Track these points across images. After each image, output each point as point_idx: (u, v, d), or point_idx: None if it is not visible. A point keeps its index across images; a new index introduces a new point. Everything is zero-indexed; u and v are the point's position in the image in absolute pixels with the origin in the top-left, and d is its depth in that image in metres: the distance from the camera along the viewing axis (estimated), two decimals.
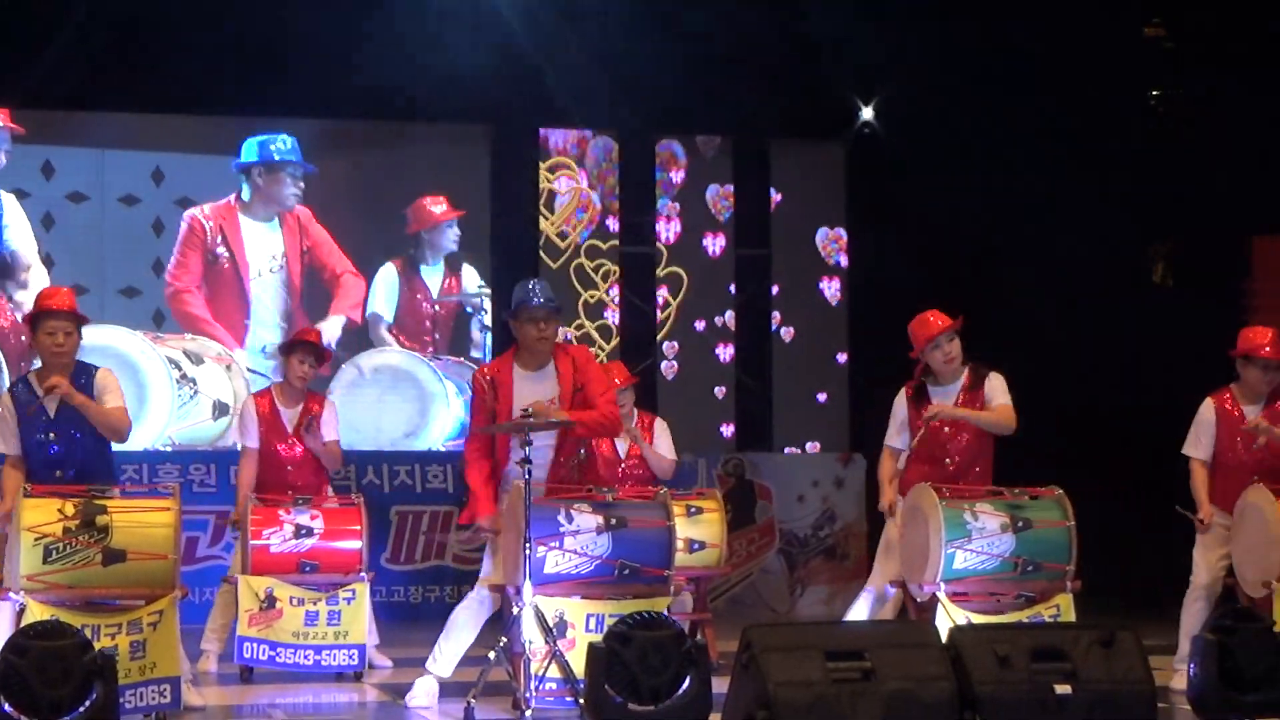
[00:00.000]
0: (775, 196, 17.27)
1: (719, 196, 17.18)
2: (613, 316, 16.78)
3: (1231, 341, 10.18)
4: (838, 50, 16.24)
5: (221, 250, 15.47)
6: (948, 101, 16.34)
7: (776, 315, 17.22)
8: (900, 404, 9.75)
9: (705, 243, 17.17)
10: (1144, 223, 17.36)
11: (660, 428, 11.39)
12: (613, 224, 16.91)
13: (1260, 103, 16.24)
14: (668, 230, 17.08)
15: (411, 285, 16.04)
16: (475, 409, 9.22)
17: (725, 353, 17.14)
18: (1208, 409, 10.09)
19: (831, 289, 17.31)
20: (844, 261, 17.34)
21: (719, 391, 17.03)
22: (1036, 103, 16.25)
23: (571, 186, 16.80)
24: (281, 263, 15.62)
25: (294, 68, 14.83)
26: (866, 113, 17.29)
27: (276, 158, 15.57)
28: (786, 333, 17.23)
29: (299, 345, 11.07)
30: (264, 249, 15.59)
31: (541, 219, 16.64)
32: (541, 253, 16.55)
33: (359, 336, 15.91)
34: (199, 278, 15.39)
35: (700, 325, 17.04)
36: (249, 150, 15.55)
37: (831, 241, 17.38)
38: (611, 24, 15.78)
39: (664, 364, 16.89)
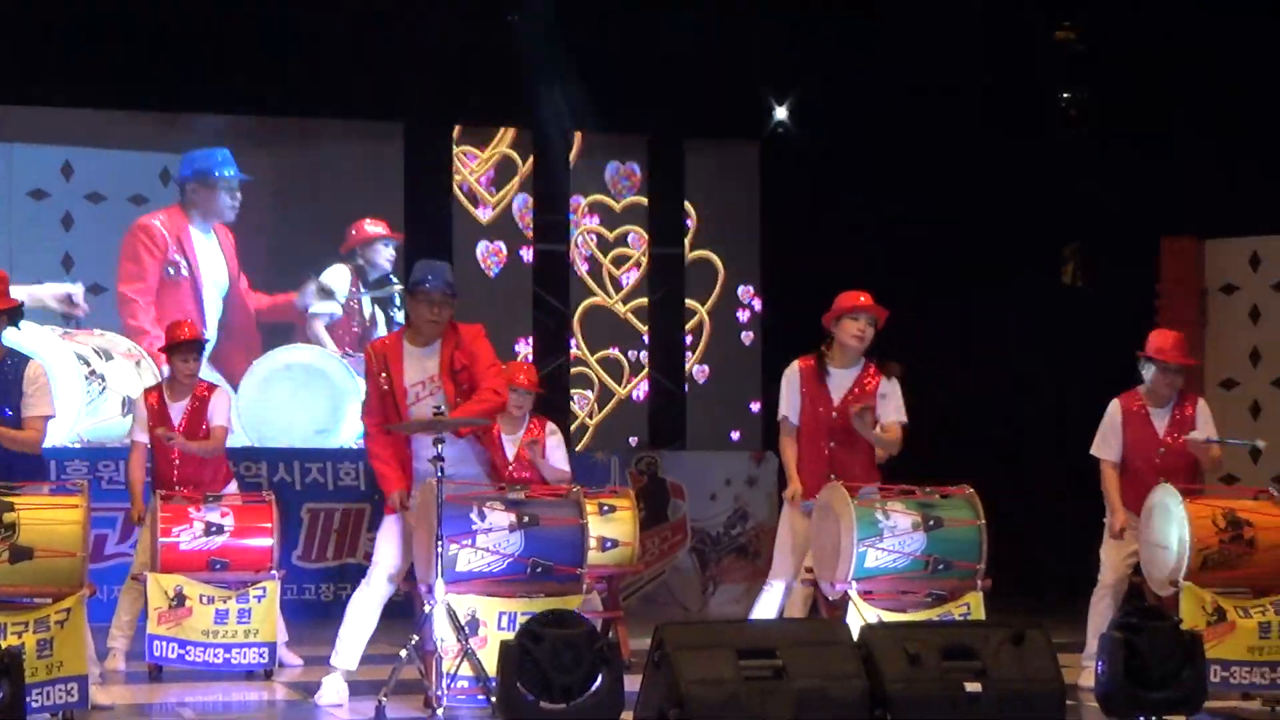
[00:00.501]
0: (690, 194, 17.31)
1: (628, 189, 17.18)
2: (526, 314, 16.75)
3: (1141, 342, 10.26)
4: (752, 50, 16.29)
5: (179, 259, 15.43)
6: (861, 102, 16.40)
7: (690, 314, 17.24)
8: (793, 373, 9.65)
9: (621, 240, 17.17)
10: (1055, 223, 17.49)
11: (553, 437, 11.29)
12: (528, 222, 16.89)
13: (1169, 104, 16.39)
14: (581, 228, 17.07)
15: (355, 299, 16.07)
16: (367, 380, 9.24)
17: (639, 350, 17.15)
18: (1115, 410, 10.16)
19: (746, 287, 17.34)
20: (759, 260, 17.37)
21: (633, 390, 17.04)
22: (948, 104, 16.34)
23: (489, 183, 16.77)
24: (225, 274, 15.62)
25: (211, 63, 14.75)
26: (780, 112, 17.33)
27: (216, 174, 15.54)
28: (700, 331, 17.25)
29: (179, 347, 10.98)
30: (210, 260, 15.56)
31: (456, 215, 16.60)
32: (455, 248, 16.51)
33: (276, 332, 15.87)
34: (154, 290, 15.31)
35: (613, 324, 17.04)
36: (184, 165, 15.51)
37: (746, 240, 17.41)
38: (529, 22, 15.79)
39: (577, 362, 16.89)
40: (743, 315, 17.34)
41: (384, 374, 9.03)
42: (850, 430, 9.43)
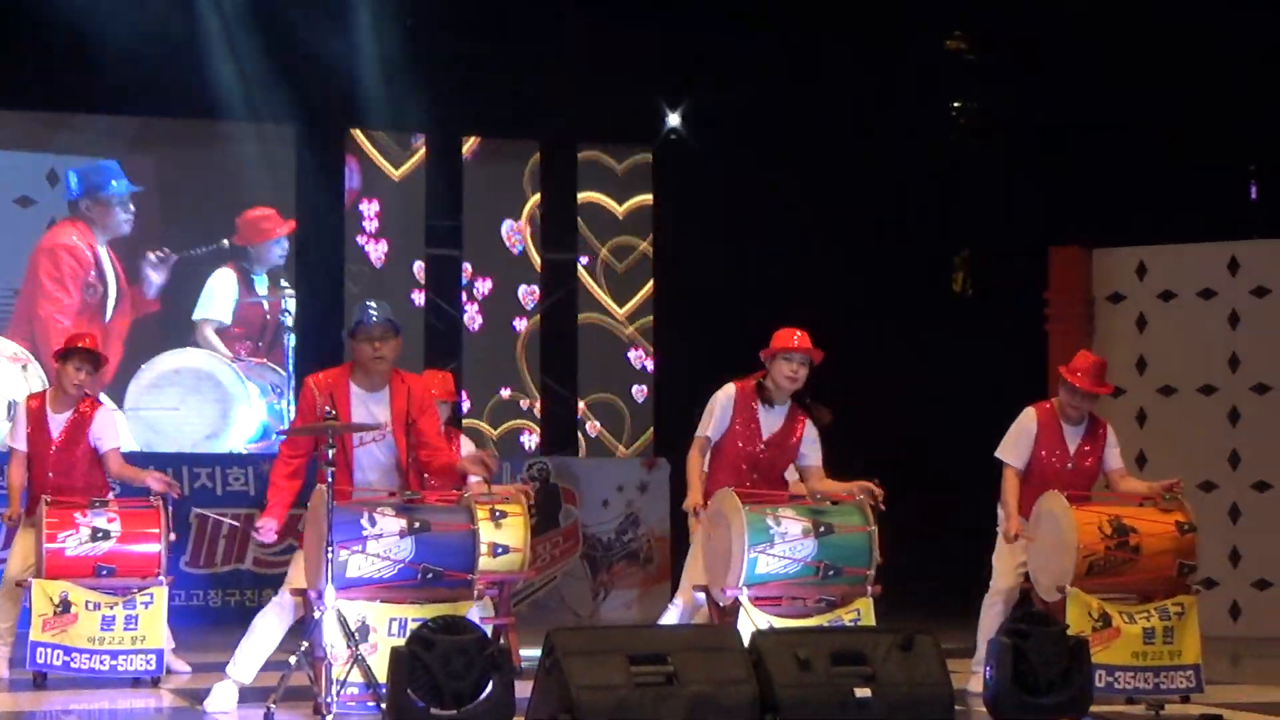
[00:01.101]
0: (581, 199, 17.32)
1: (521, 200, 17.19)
2: (418, 319, 16.70)
3: (1032, 350, 10.33)
4: (646, 55, 16.32)
5: (94, 277, 15.32)
6: (754, 109, 16.48)
7: (581, 319, 17.25)
8: (727, 398, 9.52)
9: (511, 246, 17.15)
10: (945, 232, 17.63)
11: (466, 446, 11.26)
12: (420, 227, 16.84)
13: (1058, 114, 16.56)
14: (475, 233, 17.05)
15: (245, 291, 15.96)
16: (301, 416, 9.11)
17: (532, 357, 17.13)
18: (1029, 418, 10.12)
19: (639, 294, 17.38)
20: (651, 266, 17.41)
21: (524, 395, 17.03)
22: (840, 112, 16.44)
23: (382, 188, 16.73)
24: (116, 289, 15.52)
25: (99, 65, 14.62)
26: (674, 119, 17.37)
27: (107, 192, 15.42)
28: (592, 337, 17.26)
29: (74, 353, 10.83)
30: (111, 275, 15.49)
31: (349, 220, 16.54)
32: (346, 255, 16.45)
33: (164, 335, 15.76)
34: (75, 311, 15.18)
35: (507, 328, 17.02)
36: (73, 182, 15.37)
37: (640, 245, 17.44)
38: (420, 26, 15.74)
39: (470, 366, 16.85)
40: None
41: (331, 411, 8.90)
42: (771, 463, 9.46)
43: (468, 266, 17.01)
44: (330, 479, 8.38)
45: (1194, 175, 16.08)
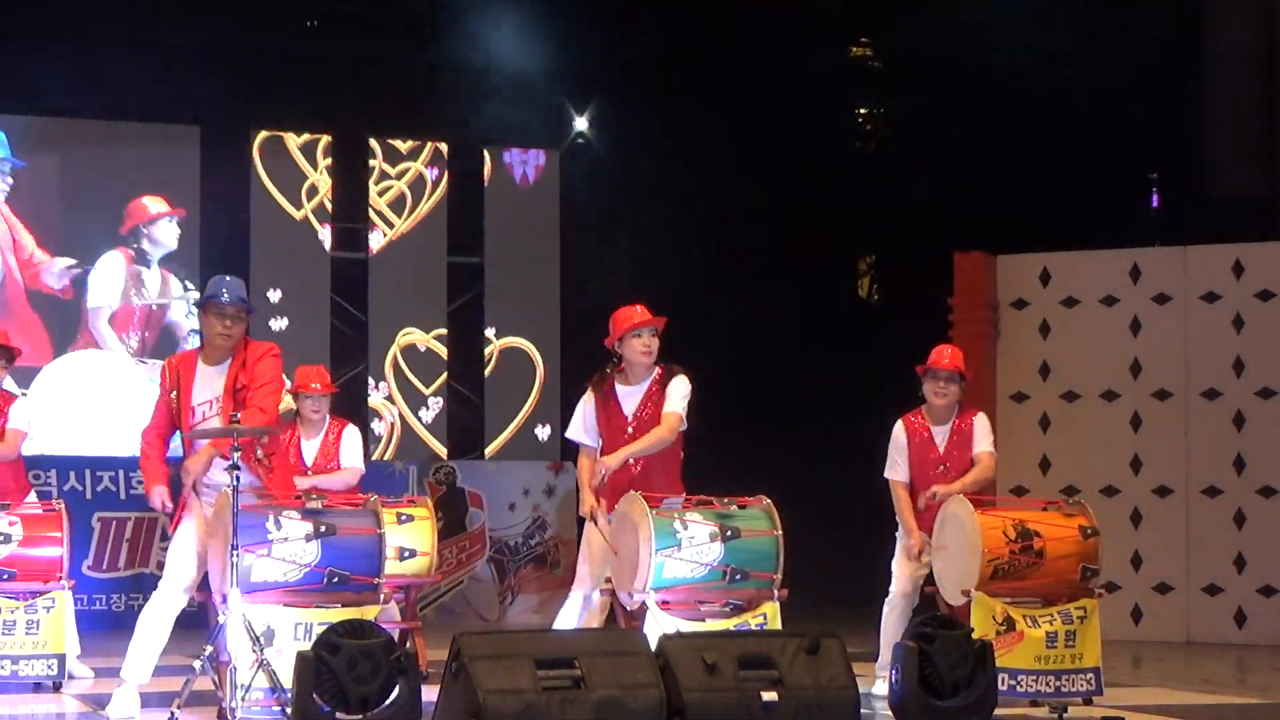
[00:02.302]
0: (488, 202, 17.30)
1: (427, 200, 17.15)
2: (324, 322, 16.64)
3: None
4: (554, 59, 16.34)
5: None
6: (659, 114, 16.52)
7: (488, 322, 17.23)
8: (588, 402, 9.47)
9: (418, 249, 17.11)
10: (850, 237, 17.72)
11: (350, 435, 11.21)
12: (325, 229, 16.78)
13: (962, 121, 16.68)
14: (380, 236, 17.00)
15: (134, 280, 15.84)
16: (159, 397, 9.10)
17: (437, 360, 17.10)
18: (899, 431, 10.25)
19: (546, 297, 17.37)
20: (557, 269, 17.41)
21: (431, 399, 16.99)
22: (745, 117, 16.50)
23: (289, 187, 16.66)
24: None
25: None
26: (580, 122, 17.39)
27: None
28: (497, 339, 17.25)
29: None
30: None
31: (254, 220, 16.47)
32: (252, 254, 16.37)
33: (68, 330, 15.66)
34: None
35: (413, 332, 16.98)
36: None
37: (548, 246, 17.43)
38: (324, 25, 15.70)
39: (375, 368, 16.80)
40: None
41: (175, 391, 8.91)
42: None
43: (374, 270, 16.95)
44: (235, 482, 8.32)
45: (1097, 184, 16.25)
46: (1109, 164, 16.38)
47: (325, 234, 16.77)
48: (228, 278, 9.01)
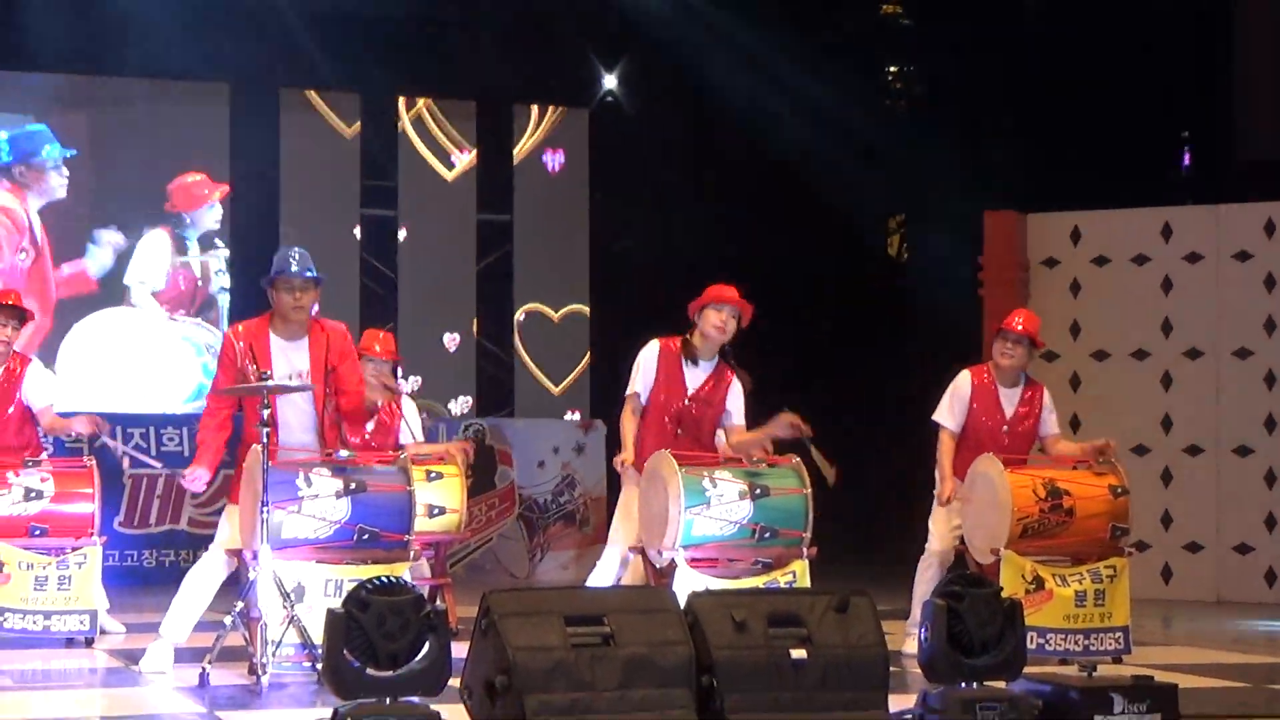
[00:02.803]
0: (516, 161, 17.28)
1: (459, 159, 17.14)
2: (353, 280, 16.65)
3: (966, 314, 10.36)
4: (581, 15, 16.30)
5: (26, 241, 15.21)
6: (688, 73, 16.48)
7: (517, 281, 17.22)
8: (651, 353, 9.48)
9: (448, 207, 17.11)
10: (880, 196, 17.67)
11: (409, 409, 11.20)
12: (356, 188, 16.79)
13: (992, 79, 16.61)
14: (410, 194, 17.00)
15: (177, 260, 15.91)
16: (222, 368, 9.09)
17: (467, 318, 17.10)
18: (964, 381, 10.16)
19: (576, 255, 17.35)
20: (586, 227, 17.39)
21: (461, 356, 17.00)
22: (773, 75, 16.44)
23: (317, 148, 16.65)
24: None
25: (27, 21, 14.48)
26: (610, 80, 17.36)
27: (40, 156, 15.33)
28: (527, 298, 17.24)
29: None
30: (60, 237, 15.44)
31: (285, 181, 16.47)
32: (281, 213, 16.38)
33: (96, 296, 15.69)
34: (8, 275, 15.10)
35: (441, 290, 16.98)
36: (9, 149, 15.27)
37: (576, 205, 17.41)
38: None
39: (405, 329, 16.81)
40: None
41: (251, 364, 8.88)
42: (698, 419, 9.44)
43: (403, 227, 16.96)
44: (265, 439, 8.35)
45: (1128, 142, 16.17)
46: (1141, 123, 16.30)
47: (355, 191, 16.76)
48: (295, 250, 9.01)
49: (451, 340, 16.93)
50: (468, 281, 17.07)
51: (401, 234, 16.94)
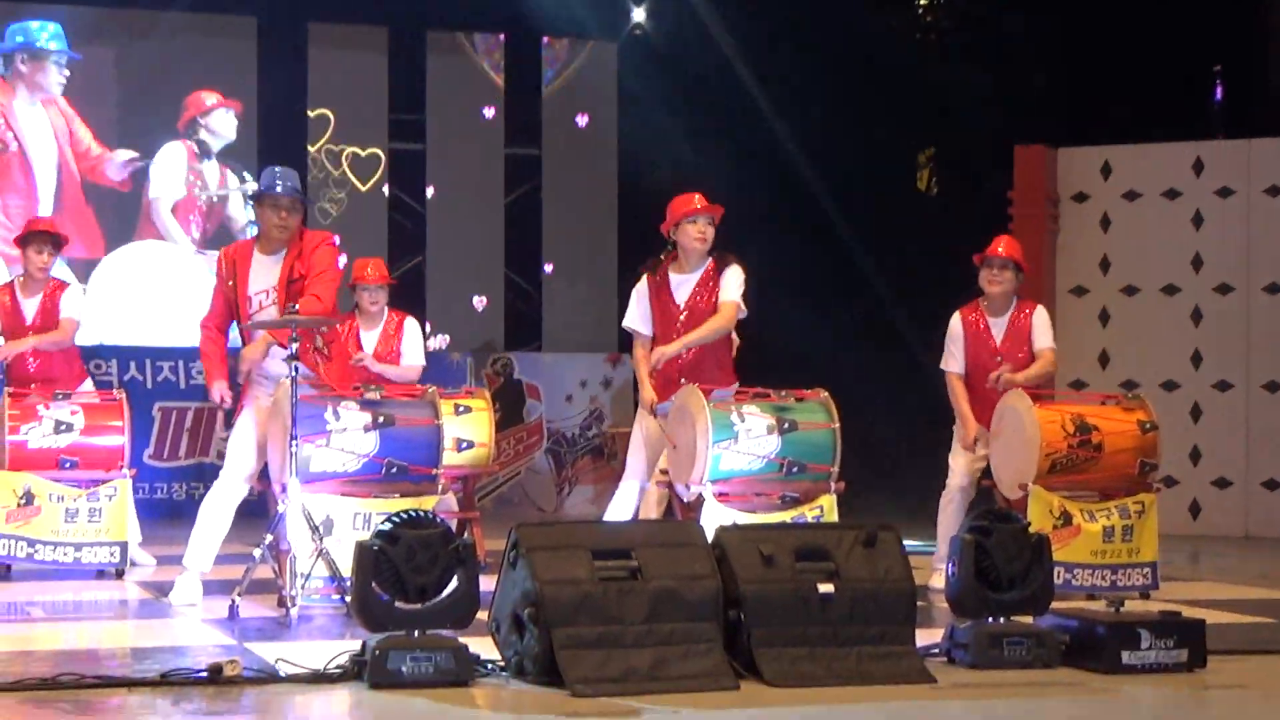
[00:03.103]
0: (545, 95, 17.23)
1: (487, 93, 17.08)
2: (380, 213, 16.65)
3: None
4: None
5: (7, 135, 15.21)
6: (717, 6, 16.40)
7: (545, 215, 17.19)
8: (641, 290, 9.44)
9: (476, 141, 17.07)
10: (910, 130, 17.60)
11: (411, 329, 11.17)
12: (384, 121, 16.76)
13: (1022, 12, 16.51)
14: (437, 127, 16.96)
15: (195, 173, 15.89)
16: (216, 287, 9.17)
17: (496, 254, 17.08)
18: (955, 322, 10.19)
19: (603, 190, 17.31)
20: (615, 164, 17.33)
21: (488, 290, 16.99)
22: (803, 9, 16.37)
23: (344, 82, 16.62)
24: (54, 150, 15.42)
25: None
26: (639, 13, 17.29)
27: (42, 46, 15.27)
28: (555, 232, 17.22)
29: (35, 236, 10.80)
30: (39, 135, 15.31)
31: (311, 112, 16.45)
32: (310, 147, 16.36)
33: (124, 223, 15.71)
34: None
35: (469, 224, 16.96)
36: (12, 36, 15.21)
37: (605, 139, 17.35)
38: None
39: (433, 262, 16.80)
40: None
41: (231, 281, 8.98)
42: (702, 323, 9.34)
43: (431, 161, 16.93)
44: (294, 372, 8.36)
45: (1160, 76, 16.07)
46: (1172, 56, 16.20)
47: (383, 125, 16.74)
48: (279, 169, 9.03)
49: (480, 301, 16.91)
50: (496, 214, 17.04)
51: (429, 167, 16.91)
